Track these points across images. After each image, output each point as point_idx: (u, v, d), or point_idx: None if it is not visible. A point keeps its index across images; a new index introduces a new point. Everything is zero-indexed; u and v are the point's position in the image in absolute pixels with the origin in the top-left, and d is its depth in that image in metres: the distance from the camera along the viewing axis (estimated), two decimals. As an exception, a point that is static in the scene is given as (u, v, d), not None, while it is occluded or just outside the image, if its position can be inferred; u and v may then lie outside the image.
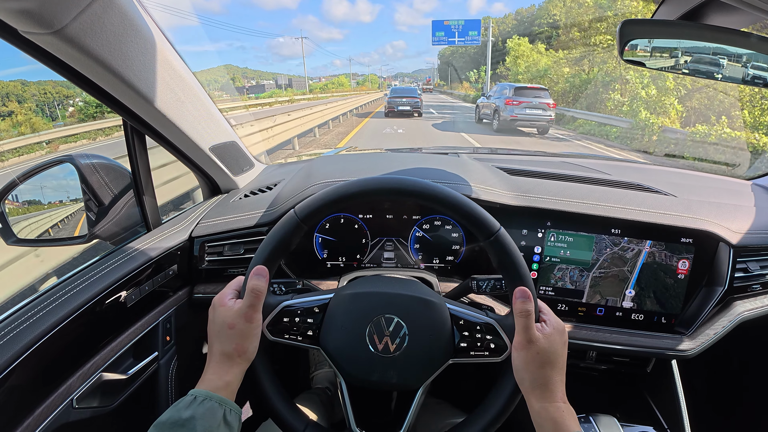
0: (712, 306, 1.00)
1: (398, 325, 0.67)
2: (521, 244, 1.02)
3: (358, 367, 0.67)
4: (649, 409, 1.19)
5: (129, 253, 0.89)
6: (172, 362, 0.97)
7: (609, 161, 1.70)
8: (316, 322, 0.69)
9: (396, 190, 0.68)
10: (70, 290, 0.74)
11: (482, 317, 0.69)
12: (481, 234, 0.67)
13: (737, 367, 1.42)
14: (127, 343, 0.84)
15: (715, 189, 1.24)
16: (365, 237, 1.07)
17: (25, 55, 0.63)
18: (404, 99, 18.88)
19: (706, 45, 0.72)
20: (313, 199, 0.68)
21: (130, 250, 0.89)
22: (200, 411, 0.55)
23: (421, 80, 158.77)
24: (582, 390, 0.88)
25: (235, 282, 0.68)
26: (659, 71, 0.79)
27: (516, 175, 1.16)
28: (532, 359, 0.62)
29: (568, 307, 1.05)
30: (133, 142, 0.92)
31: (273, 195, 1.12)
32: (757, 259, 1.03)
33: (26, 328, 0.65)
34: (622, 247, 1.01)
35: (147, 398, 0.93)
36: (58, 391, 0.69)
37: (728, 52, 0.72)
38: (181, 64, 0.87)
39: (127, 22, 0.68)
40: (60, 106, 12.48)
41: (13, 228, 0.89)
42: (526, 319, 0.63)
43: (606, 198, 1.02)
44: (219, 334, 0.63)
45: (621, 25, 0.73)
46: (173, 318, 0.98)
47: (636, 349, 1.01)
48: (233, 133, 1.17)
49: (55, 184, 0.95)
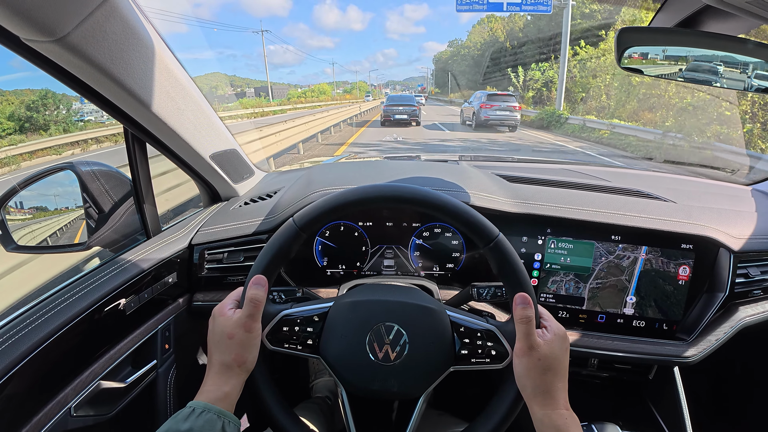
0: (714, 312, 0.99)
1: (398, 333, 0.67)
2: (521, 251, 1.02)
3: (358, 376, 0.67)
4: (651, 417, 1.18)
5: (128, 260, 0.88)
6: (170, 370, 0.97)
7: (608, 168, 1.71)
8: (316, 331, 0.68)
9: (394, 198, 0.68)
10: (69, 298, 0.74)
11: (483, 324, 0.68)
12: (481, 240, 0.67)
13: (739, 372, 1.41)
14: (126, 351, 0.84)
15: (714, 195, 1.24)
16: (365, 245, 1.07)
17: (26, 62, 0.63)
18: (401, 107, 17.79)
19: (704, 52, 0.73)
20: (312, 207, 0.68)
21: (130, 258, 0.89)
22: (198, 423, 0.55)
23: (412, 88, 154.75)
24: (584, 398, 0.87)
25: (235, 292, 0.68)
26: (658, 78, 0.79)
27: (516, 182, 1.16)
28: (534, 366, 0.62)
29: (569, 315, 1.05)
30: (134, 149, 0.92)
31: (273, 203, 1.12)
32: (758, 265, 1.03)
33: (25, 336, 0.65)
34: (618, 255, 1.01)
35: (145, 407, 0.92)
36: (56, 399, 0.69)
37: (726, 59, 0.72)
38: (182, 72, 0.87)
39: (128, 30, 0.68)
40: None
41: (13, 235, 0.89)
42: (527, 325, 0.62)
43: (606, 205, 1.02)
44: (218, 344, 0.63)
45: (618, 32, 0.73)
46: (172, 326, 0.97)
47: (638, 356, 1.00)
48: (234, 140, 1.17)
49: (55, 191, 0.95)
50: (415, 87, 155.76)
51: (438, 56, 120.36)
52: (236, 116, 21.73)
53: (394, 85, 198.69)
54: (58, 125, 12.95)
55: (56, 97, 13.01)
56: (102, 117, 13.91)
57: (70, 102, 13.32)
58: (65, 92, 16.08)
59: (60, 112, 13.31)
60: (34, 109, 12.62)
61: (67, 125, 13.17)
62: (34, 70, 0.66)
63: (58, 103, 13.09)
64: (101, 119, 13.87)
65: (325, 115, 14.25)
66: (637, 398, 1.24)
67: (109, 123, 12.52)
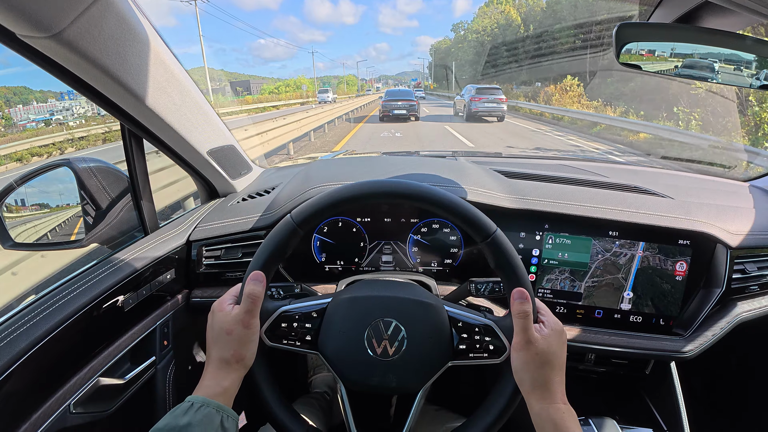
0: (710, 307, 1.00)
1: (396, 328, 0.67)
2: (519, 246, 1.03)
3: (357, 372, 0.67)
4: (648, 411, 1.18)
5: (126, 257, 0.88)
6: (169, 367, 0.97)
7: (606, 164, 1.71)
8: (315, 327, 0.68)
9: (391, 194, 0.68)
10: (67, 294, 0.74)
11: (481, 319, 0.68)
12: (478, 235, 0.67)
13: (736, 368, 1.42)
14: (125, 347, 0.84)
15: (712, 191, 1.25)
16: (363, 240, 1.07)
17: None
18: (399, 102, 18.01)
19: (703, 48, 0.73)
20: (309, 203, 0.68)
21: (128, 254, 0.89)
22: (197, 418, 0.55)
23: (405, 83, 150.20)
24: (581, 393, 0.88)
25: (234, 288, 0.68)
26: (655, 74, 0.79)
27: (514, 178, 1.16)
28: (531, 360, 0.62)
29: (567, 310, 1.05)
30: (131, 146, 0.92)
31: (271, 198, 1.12)
32: (755, 260, 1.04)
33: (23, 333, 0.65)
34: (615, 252, 1.01)
35: (144, 403, 0.92)
36: (55, 396, 0.69)
37: (724, 55, 0.72)
38: (178, 67, 0.87)
39: (124, 26, 0.68)
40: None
41: (10, 232, 0.88)
42: (525, 320, 0.63)
43: (604, 201, 1.02)
44: (217, 340, 0.63)
45: (617, 28, 0.73)
46: (171, 322, 0.97)
47: (635, 351, 1.01)
48: (231, 136, 1.17)
49: (52, 188, 0.95)
50: (409, 82, 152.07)
51: (437, 46, 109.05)
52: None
53: (387, 80, 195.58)
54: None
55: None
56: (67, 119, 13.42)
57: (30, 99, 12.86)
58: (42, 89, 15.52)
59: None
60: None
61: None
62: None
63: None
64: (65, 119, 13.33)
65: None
66: (634, 393, 1.25)
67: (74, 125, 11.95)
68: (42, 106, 13.90)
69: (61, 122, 14.14)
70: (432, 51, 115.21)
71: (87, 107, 18.65)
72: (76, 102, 17.85)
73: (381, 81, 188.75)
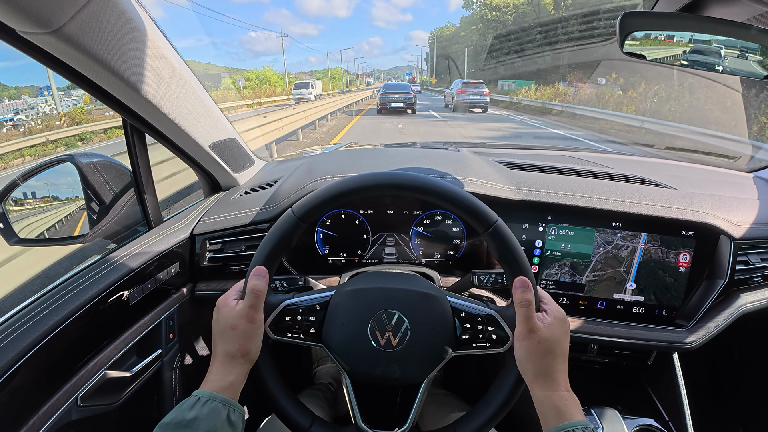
0: (713, 299, 1.00)
1: (400, 319, 0.68)
2: (522, 238, 1.02)
3: (361, 363, 0.68)
4: (650, 402, 1.19)
5: (131, 251, 0.89)
6: (175, 359, 0.98)
7: (610, 155, 1.70)
8: (318, 319, 0.69)
9: (393, 185, 0.68)
10: (72, 289, 0.75)
11: (483, 309, 0.69)
12: (480, 226, 0.67)
13: (738, 359, 1.42)
14: (131, 341, 0.84)
15: (716, 182, 1.24)
16: (366, 233, 1.07)
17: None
18: (397, 95, 19.06)
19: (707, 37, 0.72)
20: (311, 197, 0.68)
21: (132, 249, 0.90)
22: (204, 412, 0.56)
23: (398, 78, 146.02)
24: (583, 383, 0.88)
25: (239, 284, 0.69)
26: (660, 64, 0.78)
27: (516, 169, 1.15)
28: (534, 348, 0.62)
29: (570, 301, 1.05)
30: (133, 140, 0.92)
31: (273, 192, 1.12)
32: (758, 252, 1.03)
33: (30, 328, 0.66)
34: (616, 245, 1.01)
35: (151, 395, 0.94)
36: (63, 390, 0.70)
37: (728, 44, 0.71)
38: (179, 61, 0.86)
39: (124, 20, 0.68)
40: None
41: (15, 228, 0.89)
42: (527, 308, 0.63)
43: (607, 192, 1.02)
44: (222, 334, 0.64)
45: (621, 17, 0.72)
46: (176, 315, 0.98)
47: (637, 342, 1.01)
48: (233, 130, 1.17)
49: (56, 184, 0.95)
50: (403, 76, 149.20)
51: (437, 33, 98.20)
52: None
53: (379, 74, 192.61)
54: None
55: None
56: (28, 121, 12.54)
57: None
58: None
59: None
60: None
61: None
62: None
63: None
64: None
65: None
66: (637, 383, 1.26)
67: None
68: (13, 104, 13.50)
69: (16, 125, 13.37)
70: (432, 40, 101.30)
71: (53, 104, 18.19)
72: (42, 99, 17.36)
73: (373, 75, 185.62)
